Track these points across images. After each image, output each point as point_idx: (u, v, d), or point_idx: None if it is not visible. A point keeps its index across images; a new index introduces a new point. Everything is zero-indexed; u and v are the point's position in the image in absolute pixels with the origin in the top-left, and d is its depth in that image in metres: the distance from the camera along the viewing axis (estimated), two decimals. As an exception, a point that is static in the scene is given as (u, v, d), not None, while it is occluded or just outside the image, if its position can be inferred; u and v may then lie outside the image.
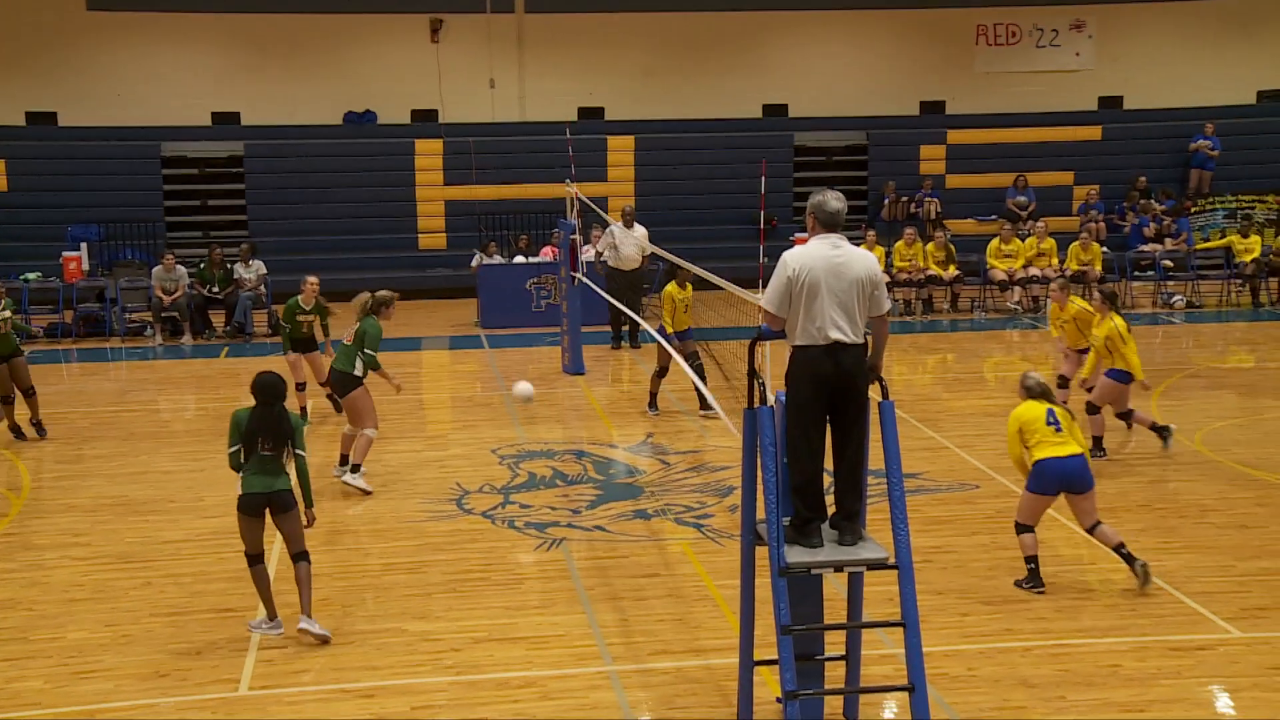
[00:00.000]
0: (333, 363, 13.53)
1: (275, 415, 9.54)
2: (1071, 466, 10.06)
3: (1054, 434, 10.11)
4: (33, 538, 12.05)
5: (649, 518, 12.31)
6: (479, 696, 8.66)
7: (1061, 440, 10.10)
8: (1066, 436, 10.13)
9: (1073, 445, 10.13)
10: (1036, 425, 10.17)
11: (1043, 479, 10.12)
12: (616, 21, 29.51)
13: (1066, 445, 10.09)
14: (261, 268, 23.35)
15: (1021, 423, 10.24)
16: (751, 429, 7.51)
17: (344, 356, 13.30)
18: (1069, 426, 10.22)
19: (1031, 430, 10.17)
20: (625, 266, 20.63)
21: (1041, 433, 10.13)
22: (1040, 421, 10.16)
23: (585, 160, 25.39)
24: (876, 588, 9.03)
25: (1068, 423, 10.25)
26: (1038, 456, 10.12)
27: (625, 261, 20.64)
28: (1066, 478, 10.07)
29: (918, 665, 7.12)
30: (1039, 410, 10.21)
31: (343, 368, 13.29)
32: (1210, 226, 28.13)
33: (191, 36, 28.38)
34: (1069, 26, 30.79)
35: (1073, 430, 10.24)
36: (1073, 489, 10.14)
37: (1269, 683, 8.71)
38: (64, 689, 8.84)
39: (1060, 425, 10.17)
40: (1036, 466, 10.14)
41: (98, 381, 19.79)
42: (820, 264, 7.44)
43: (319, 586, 10.62)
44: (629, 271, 20.66)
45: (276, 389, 9.63)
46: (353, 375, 13.24)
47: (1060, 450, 10.06)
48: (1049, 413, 10.19)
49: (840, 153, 30.01)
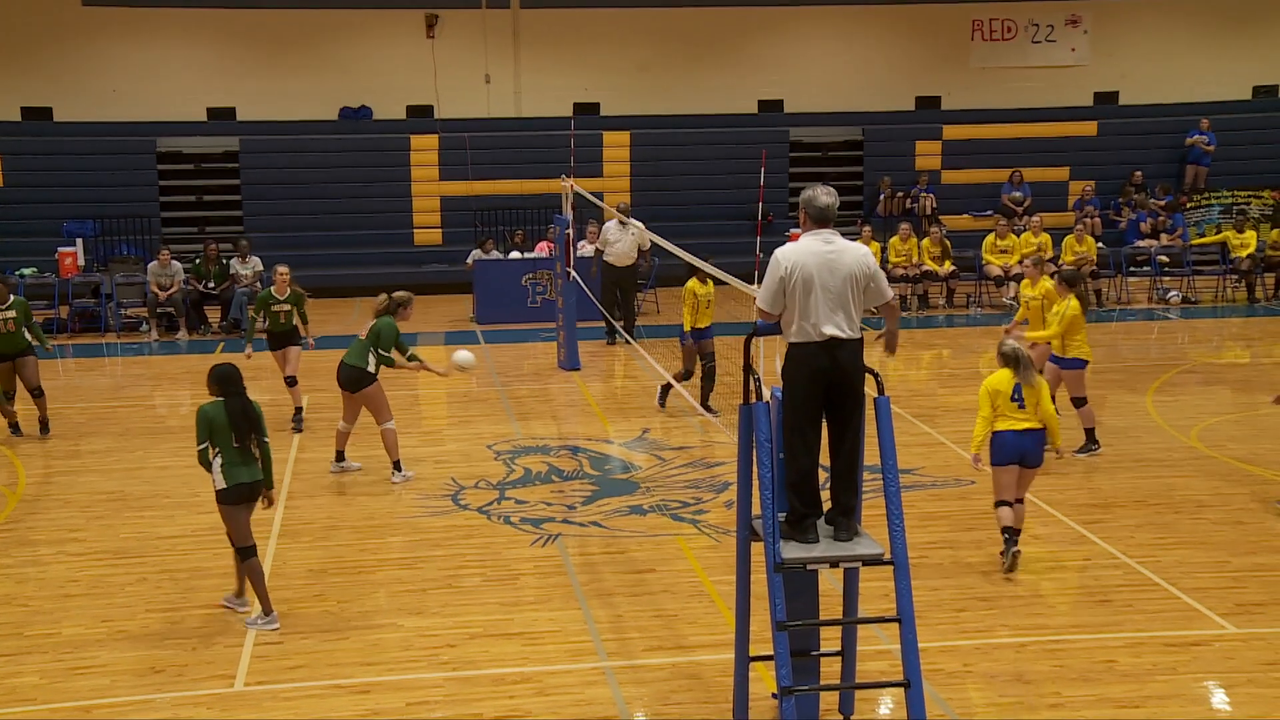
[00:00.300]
0: (344, 358, 13.49)
1: (245, 406, 9.72)
2: (1027, 442, 10.61)
3: (1017, 409, 10.59)
4: (28, 533, 12.05)
5: (645, 513, 12.31)
6: (474, 692, 8.66)
7: (1024, 416, 10.58)
8: (1030, 413, 10.60)
9: (1033, 421, 10.62)
10: (1002, 399, 10.63)
11: (1001, 451, 10.63)
12: (612, 17, 29.47)
13: (1027, 421, 10.59)
14: (259, 264, 23.34)
15: (991, 392, 10.67)
16: (747, 425, 7.52)
17: (357, 353, 13.34)
18: (1033, 403, 10.62)
19: (997, 402, 10.64)
20: (619, 263, 20.64)
21: (1005, 406, 10.61)
22: (1006, 396, 10.63)
23: (581, 156, 25.32)
24: (872, 583, 9.03)
25: (1033, 399, 10.63)
26: (997, 428, 10.64)
27: (619, 258, 20.65)
28: (1021, 451, 10.59)
29: (913, 661, 7.12)
30: (1008, 385, 10.62)
31: (356, 363, 13.34)
32: (1206, 222, 28.15)
33: (187, 32, 28.31)
34: (1064, 22, 30.77)
35: (1038, 405, 10.63)
36: (1024, 463, 10.65)
37: (1264, 678, 8.72)
38: (59, 685, 8.84)
39: (1024, 402, 10.59)
40: (996, 438, 10.66)
41: (93, 377, 19.77)
42: (812, 260, 7.44)
43: (313, 582, 10.64)
44: (622, 268, 20.67)
45: (239, 379, 9.79)
46: (366, 371, 13.31)
47: (1018, 425, 10.58)
48: (1016, 388, 10.60)
49: (836, 148, 29.98)
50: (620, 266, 20.65)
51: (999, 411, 10.64)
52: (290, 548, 11.48)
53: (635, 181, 28.59)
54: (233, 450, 9.63)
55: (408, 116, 28.95)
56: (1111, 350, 20.47)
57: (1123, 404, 16.56)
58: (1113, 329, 22.58)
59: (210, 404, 9.70)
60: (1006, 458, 10.63)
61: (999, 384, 10.68)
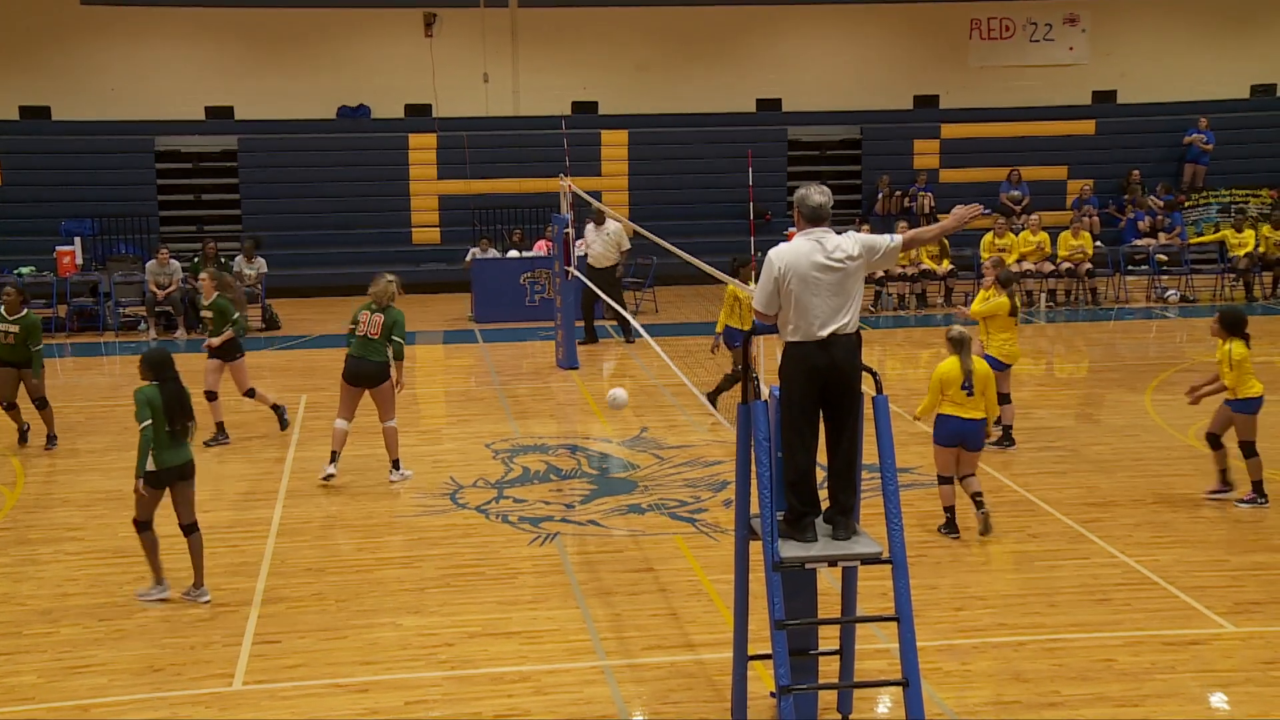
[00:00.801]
0: (362, 354, 13.09)
1: (179, 390, 9.99)
2: (969, 428, 11.34)
3: (965, 397, 11.30)
4: (26, 532, 12.04)
5: (643, 512, 12.31)
6: (473, 691, 8.66)
7: (971, 403, 11.31)
8: (977, 400, 11.33)
9: (978, 410, 11.35)
10: (953, 388, 11.32)
11: (944, 434, 11.36)
12: (610, 16, 29.48)
13: (974, 409, 11.32)
14: (263, 265, 23.35)
15: (943, 381, 11.34)
16: (746, 423, 7.52)
17: (374, 349, 13.09)
18: (981, 389, 11.34)
19: (949, 389, 11.33)
20: (597, 264, 20.59)
21: (954, 394, 11.32)
22: (957, 385, 11.31)
23: (579, 155, 25.37)
24: (870, 582, 9.03)
25: (980, 386, 11.34)
26: (944, 411, 11.37)
27: (597, 259, 20.60)
28: (963, 435, 11.33)
29: (912, 660, 7.12)
30: (958, 374, 11.28)
31: (380, 358, 13.12)
32: (1204, 221, 28.16)
33: (185, 31, 28.32)
34: (1063, 20, 30.78)
35: (986, 390, 11.39)
36: (966, 446, 11.37)
37: (1263, 677, 8.72)
38: (57, 684, 8.83)
39: (973, 390, 11.31)
40: (939, 419, 11.39)
41: (91, 376, 19.77)
42: (804, 260, 7.45)
43: (312, 581, 10.64)
44: (602, 269, 20.62)
45: (172, 363, 10.07)
46: (387, 366, 13.15)
47: (963, 412, 11.30)
48: (967, 375, 11.26)
49: (834, 147, 30.01)
50: (598, 268, 20.62)
51: (949, 398, 11.32)
52: (289, 546, 11.48)
53: (633, 180, 28.62)
54: (164, 435, 9.85)
55: (406, 115, 28.96)
56: (1110, 349, 20.49)
57: (1121, 402, 16.57)
58: (1111, 328, 22.60)
59: (148, 387, 9.93)
60: (949, 441, 11.34)
61: (950, 372, 11.30)
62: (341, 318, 23.68)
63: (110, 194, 26.80)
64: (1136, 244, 26.03)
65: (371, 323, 13.16)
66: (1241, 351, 11.97)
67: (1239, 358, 11.93)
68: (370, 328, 13.14)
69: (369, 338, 13.11)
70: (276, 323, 22.87)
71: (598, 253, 20.71)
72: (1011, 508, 12.25)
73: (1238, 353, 11.94)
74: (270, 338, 22.05)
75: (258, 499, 12.88)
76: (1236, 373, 11.95)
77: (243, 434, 15.29)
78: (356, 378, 13.20)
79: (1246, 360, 11.97)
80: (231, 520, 12.17)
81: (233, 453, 14.74)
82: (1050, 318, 23.14)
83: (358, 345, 13.15)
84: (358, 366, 13.17)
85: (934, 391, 11.42)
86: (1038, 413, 16.10)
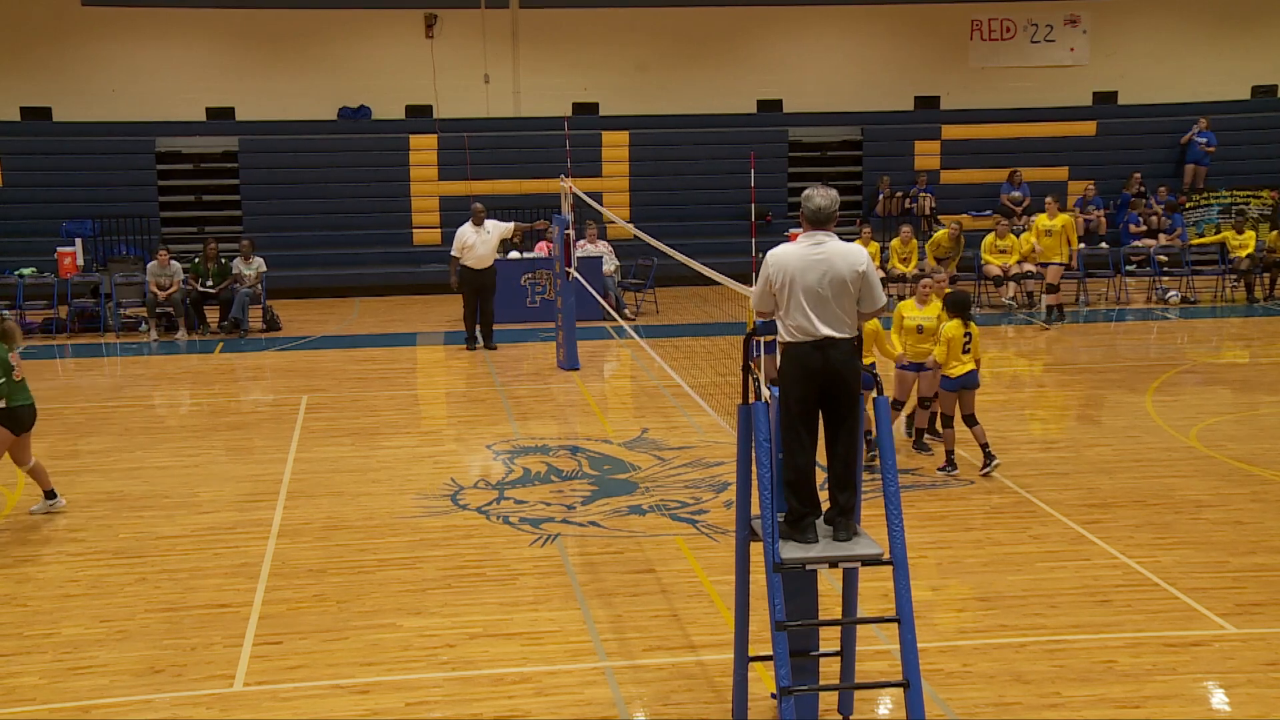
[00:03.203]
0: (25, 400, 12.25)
1: None
2: (968, 378, 13.16)
3: (963, 354, 13.07)
4: (27, 533, 12.04)
5: (644, 513, 12.31)
6: (474, 692, 8.66)
7: (967, 360, 13.10)
8: (972, 354, 13.16)
9: (969, 364, 13.13)
10: (956, 347, 13.04)
11: (951, 383, 13.14)
12: (611, 17, 29.49)
13: (969, 364, 13.12)
14: (262, 265, 23.35)
15: (950, 341, 13.01)
16: (746, 424, 7.52)
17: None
18: (975, 345, 13.20)
19: (952, 349, 13.02)
20: (477, 266, 20.35)
21: (955, 353, 13.04)
22: (960, 345, 13.07)
23: (580, 156, 25.39)
24: (871, 583, 9.03)
25: (975, 341, 13.19)
26: (947, 373, 13.10)
27: (477, 261, 20.37)
28: (963, 383, 13.14)
29: (913, 661, 7.12)
30: (961, 334, 13.03)
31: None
32: (1205, 222, 28.15)
33: (186, 32, 28.33)
34: (1063, 21, 30.79)
35: (975, 348, 13.22)
36: (966, 388, 13.19)
37: (1264, 679, 8.72)
38: (59, 685, 8.84)
39: (970, 348, 13.11)
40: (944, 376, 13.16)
41: (92, 377, 19.76)
42: (796, 261, 7.45)
43: (313, 582, 10.64)
44: (481, 271, 20.38)
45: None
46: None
47: (963, 369, 13.08)
48: (966, 335, 13.06)
49: (835, 148, 30.01)
50: (479, 269, 20.34)
51: (952, 355, 13.02)
52: (290, 547, 11.48)
53: (634, 181, 28.63)
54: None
55: (407, 116, 28.98)
56: (1111, 350, 20.49)
57: (1122, 404, 16.57)
58: (1112, 329, 22.60)
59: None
60: (953, 389, 13.15)
61: (954, 333, 13.01)
62: (342, 318, 23.84)
63: (111, 195, 26.81)
64: (1136, 245, 26.02)
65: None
66: (954, 331, 13.09)
67: (949, 335, 13.07)
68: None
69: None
70: (277, 324, 22.86)
71: (479, 255, 20.26)
72: (1013, 509, 12.26)
73: (949, 331, 13.09)
74: (271, 339, 22.05)
75: (259, 500, 12.88)
76: (944, 349, 13.10)
77: (244, 434, 15.30)
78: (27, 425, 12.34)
79: (957, 340, 13.08)
80: (233, 521, 12.17)
81: (234, 454, 14.74)
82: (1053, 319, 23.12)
83: None
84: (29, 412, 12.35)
85: (941, 352, 13.06)
86: (1038, 413, 16.11)
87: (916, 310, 13.80)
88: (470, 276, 20.25)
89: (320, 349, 21.05)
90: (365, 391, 17.76)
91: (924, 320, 13.65)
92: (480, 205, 20.78)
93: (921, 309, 13.78)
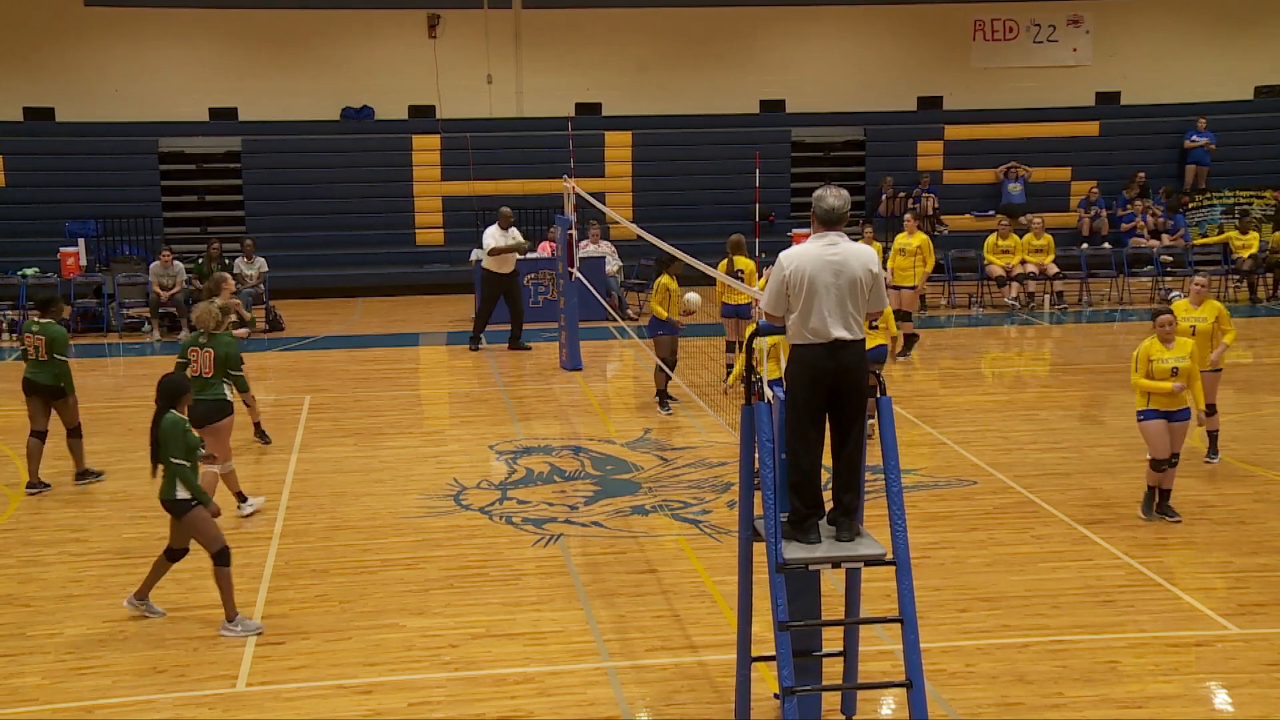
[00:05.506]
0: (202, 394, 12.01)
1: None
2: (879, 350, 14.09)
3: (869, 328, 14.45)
4: (30, 533, 12.05)
5: (646, 513, 12.31)
6: (476, 693, 8.66)
7: (878, 334, 13.92)
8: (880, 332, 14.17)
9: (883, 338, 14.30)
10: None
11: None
12: (614, 17, 29.49)
13: (880, 337, 14.08)
14: (264, 265, 23.37)
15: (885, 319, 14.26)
16: (749, 425, 7.52)
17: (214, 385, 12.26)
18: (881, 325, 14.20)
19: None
20: (499, 269, 20.34)
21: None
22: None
23: (582, 156, 25.37)
24: (874, 584, 9.03)
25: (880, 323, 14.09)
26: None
27: (499, 263, 20.38)
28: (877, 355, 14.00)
29: (915, 661, 7.12)
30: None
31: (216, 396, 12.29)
32: (1208, 222, 28.14)
33: (188, 32, 28.34)
34: (1066, 22, 30.77)
35: (883, 323, 14.26)
36: (879, 361, 14.08)
37: (1267, 679, 8.72)
38: (61, 685, 8.85)
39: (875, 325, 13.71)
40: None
41: (95, 377, 19.76)
42: (813, 263, 7.43)
43: (316, 582, 10.65)
44: (505, 275, 20.34)
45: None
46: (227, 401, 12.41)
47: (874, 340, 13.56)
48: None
49: (838, 148, 30.00)
50: (503, 273, 20.27)
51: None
52: (293, 548, 11.49)
53: (637, 182, 28.63)
54: None
55: (410, 116, 28.98)
56: (1114, 350, 20.46)
57: (1124, 403, 16.52)
58: (1115, 329, 22.59)
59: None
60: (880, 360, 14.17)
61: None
62: (345, 319, 23.84)
63: (114, 195, 26.81)
64: (1138, 245, 26.02)
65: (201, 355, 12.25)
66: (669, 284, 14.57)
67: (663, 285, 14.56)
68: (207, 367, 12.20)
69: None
70: (280, 324, 22.88)
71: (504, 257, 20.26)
72: (1015, 509, 12.26)
73: (664, 282, 14.52)
74: (274, 339, 22.05)
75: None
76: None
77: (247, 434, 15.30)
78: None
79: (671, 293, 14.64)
80: (236, 522, 12.17)
81: (237, 454, 14.72)
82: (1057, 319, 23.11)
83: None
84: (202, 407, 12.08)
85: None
86: (1041, 414, 16.10)
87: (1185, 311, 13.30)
88: (493, 279, 20.27)
89: (323, 349, 21.07)
90: (368, 392, 17.77)
91: (1198, 320, 13.35)
92: (508, 209, 20.81)
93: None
